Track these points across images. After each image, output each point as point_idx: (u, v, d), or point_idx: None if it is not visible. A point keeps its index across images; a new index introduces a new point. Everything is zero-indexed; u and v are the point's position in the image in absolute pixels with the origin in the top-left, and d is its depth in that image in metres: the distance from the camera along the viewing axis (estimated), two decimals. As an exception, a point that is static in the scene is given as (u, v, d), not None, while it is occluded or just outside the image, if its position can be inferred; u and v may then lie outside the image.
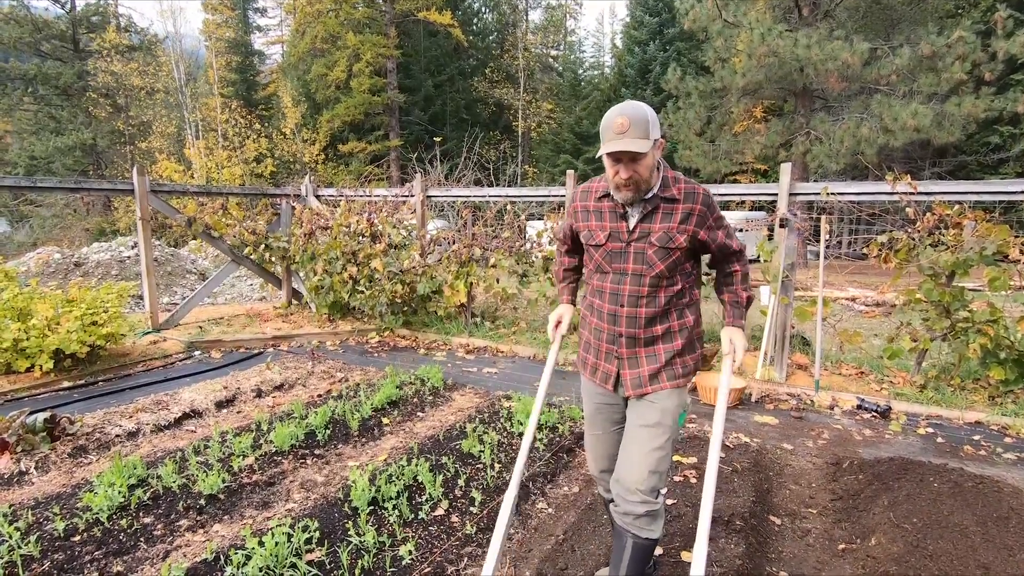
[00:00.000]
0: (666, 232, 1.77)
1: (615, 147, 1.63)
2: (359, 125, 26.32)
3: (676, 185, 1.79)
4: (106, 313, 4.93)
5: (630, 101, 1.70)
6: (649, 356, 1.84)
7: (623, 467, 1.82)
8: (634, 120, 1.63)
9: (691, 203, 1.78)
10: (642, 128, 1.64)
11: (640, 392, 1.84)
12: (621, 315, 1.83)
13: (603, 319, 1.88)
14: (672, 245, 1.77)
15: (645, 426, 1.81)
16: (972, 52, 13.48)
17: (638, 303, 1.81)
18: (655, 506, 1.78)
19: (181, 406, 3.97)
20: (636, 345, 1.84)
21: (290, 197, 7.60)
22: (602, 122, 1.70)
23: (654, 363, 1.84)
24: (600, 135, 1.71)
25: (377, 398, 4.03)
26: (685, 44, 24.21)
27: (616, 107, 1.69)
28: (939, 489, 2.70)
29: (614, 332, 1.86)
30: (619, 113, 1.65)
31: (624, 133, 1.63)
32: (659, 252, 1.77)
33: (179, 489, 2.79)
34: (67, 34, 24.15)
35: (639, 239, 1.79)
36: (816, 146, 15.09)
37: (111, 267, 9.71)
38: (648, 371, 1.84)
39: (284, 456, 3.22)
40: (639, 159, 1.66)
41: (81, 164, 23.95)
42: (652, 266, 1.79)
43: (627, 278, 1.82)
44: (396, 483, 2.79)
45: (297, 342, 6.13)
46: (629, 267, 1.81)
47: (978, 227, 4.07)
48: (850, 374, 4.93)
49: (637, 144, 1.62)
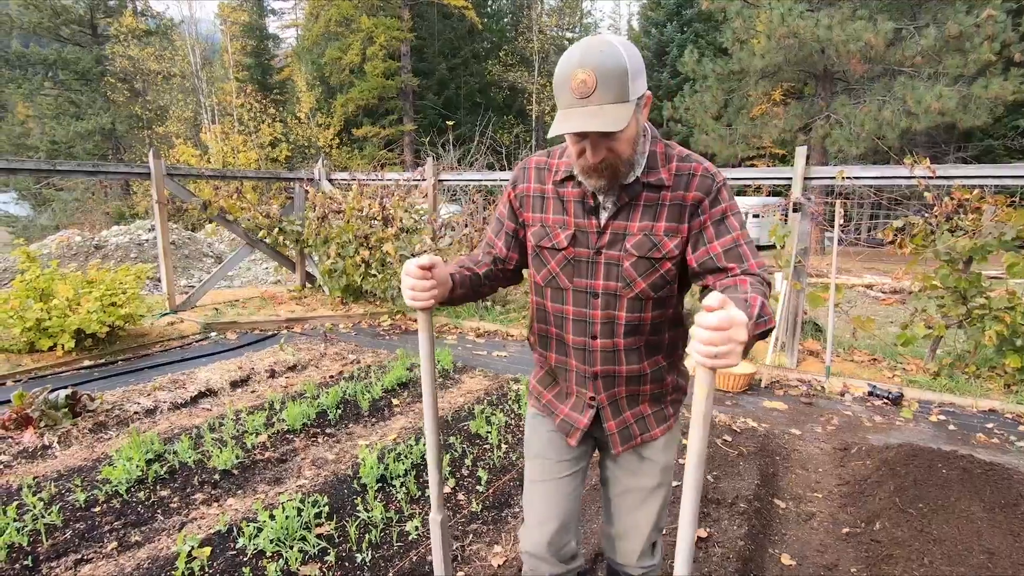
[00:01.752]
0: (648, 235, 1.22)
1: (574, 124, 1.06)
2: (373, 109, 26.30)
3: (667, 164, 1.22)
4: (124, 295, 5.04)
5: (597, 38, 1.07)
6: (631, 397, 1.37)
7: (621, 535, 1.48)
8: (604, 74, 1.03)
9: (684, 189, 1.20)
10: (616, 85, 1.04)
11: (631, 446, 1.40)
12: (594, 349, 1.31)
13: (567, 354, 1.37)
14: (658, 255, 1.22)
15: (642, 489, 1.43)
16: (1002, 32, 13.04)
17: (615, 332, 1.29)
18: (653, 566, 1.50)
19: (197, 385, 4.06)
20: (615, 385, 1.35)
21: (303, 181, 7.65)
22: (555, 75, 1.09)
23: (636, 405, 1.39)
24: (555, 95, 1.11)
25: (387, 379, 4.09)
26: (703, 25, 23.72)
27: (575, 49, 1.07)
28: (947, 475, 2.68)
29: (585, 372, 1.35)
30: (579, 63, 1.04)
31: (588, 97, 1.04)
32: (639, 264, 1.23)
33: (194, 464, 2.87)
34: (85, 19, 24.35)
35: (611, 244, 1.24)
36: (836, 130, 14.78)
37: (130, 250, 9.89)
38: (632, 416, 1.39)
39: (296, 434, 3.29)
40: (615, 134, 1.09)
41: (101, 148, 24.31)
42: (630, 284, 1.24)
43: (597, 300, 1.28)
44: (404, 461, 2.84)
45: (310, 324, 6.22)
46: (599, 284, 1.27)
47: (998, 212, 3.98)
48: (862, 361, 4.88)
49: (610, 116, 1.04)
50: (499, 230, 1.44)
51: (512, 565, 2.17)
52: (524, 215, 1.37)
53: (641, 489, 1.42)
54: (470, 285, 1.39)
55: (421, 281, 1.21)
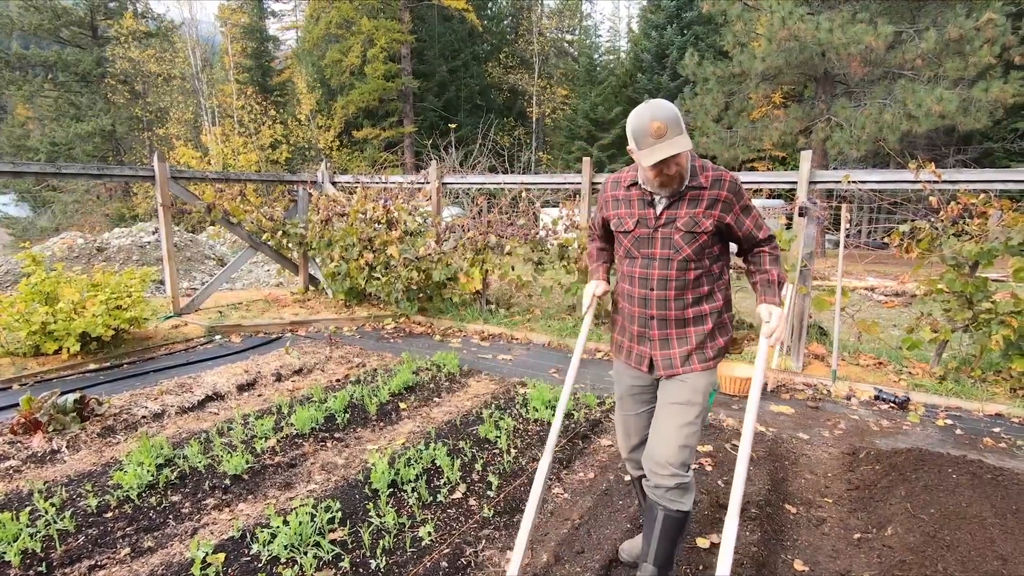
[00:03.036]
0: (692, 217, 1.82)
1: (664, 153, 1.66)
2: (373, 111, 26.31)
3: (704, 173, 1.83)
4: (129, 297, 5.04)
5: (654, 101, 1.72)
6: (680, 338, 1.90)
7: (655, 442, 1.89)
8: (668, 121, 1.66)
9: (718, 189, 1.82)
10: (677, 126, 1.67)
11: (671, 373, 1.91)
12: (651, 298, 1.90)
13: (634, 303, 1.95)
14: (698, 229, 1.82)
15: (676, 403, 1.88)
16: (1002, 35, 13.07)
17: (667, 286, 1.87)
18: (686, 479, 1.84)
19: (204, 389, 4.06)
20: (667, 327, 1.91)
21: (307, 183, 7.65)
22: (634, 127, 1.71)
23: (685, 345, 1.90)
24: (634, 140, 1.73)
25: (394, 383, 4.09)
26: (703, 28, 23.76)
27: (645, 111, 1.70)
28: (957, 480, 2.69)
29: (645, 315, 1.93)
30: (651, 118, 1.67)
31: (664, 136, 1.66)
32: (685, 237, 1.83)
33: (204, 469, 2.87)
34: (85, 20, 24.35)
35: (665, 224, 1.85)
36: (836, 132, 14.79)
37: (132, 252, 9.88)
38: (679, 353, 1.90)
39: (305, 439, 3.29)
40: (681, 155, 1.71)
41: (101, 150, 24.28)
42: (679, 250, 1.84)
43: (655, 263, 1.88)
44: (415, 466, 2.84)
45: (314, 327, 6.22)
46: (657, 252, 1.87)
47: (1004, 216, 3.99)
48: (868, 364, 4.89)
49: (680, 144, 1.66)
50: (597, 219, 2.17)
51: (527, 570, 2.17)
52: (606, 213, 2.04)
53: (675, 403, 1.89)
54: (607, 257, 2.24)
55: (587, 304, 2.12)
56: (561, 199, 6.84)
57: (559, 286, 6.26)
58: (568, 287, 6.15)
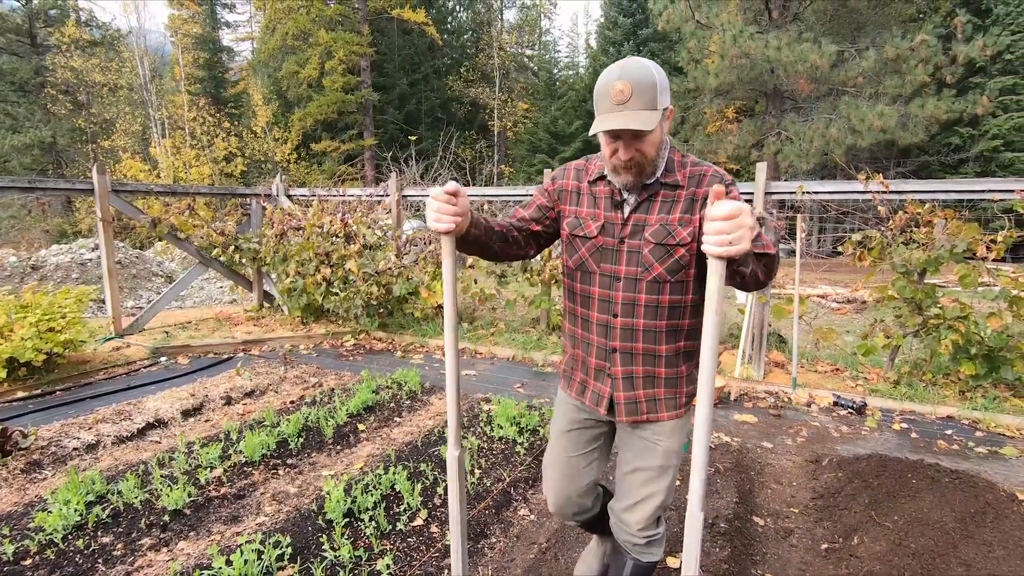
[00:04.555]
0: (664, 226, 1.42)
1: (613, 123, 1.29)
2: (332, 124, 25.89)
3: (683, 169, 1.45)
4: (64, 319, 4.70)
5: (633, 58, 1.32)
6: (647, 377, 1.53)
7: (623, 505, 1.61)
8: (638, 86, 1.27)
9: (696, 186, 1.43)
10: (647, 96, 1.28)
11: (635, 420, 1.56)
12: (615, 326, 1.51)
13: (591, 331, 1.57)
14: (672, 242, 1.42)
15: (647, 469, 1.56)
16: (934, 55, 13.90)
17: (634, 312, 1.48)
18: (657, 535, 1.62)
19: (145, 415, 3.79)
20: (632, 363, 1.52)
21: (260, 197, 7.39)
22: (597, 86, 1.34)
23: (652, 387, 1.54)
24: (594, 103, 1.36)
25: (352, 403, 3.91)
26: (659, 45, 24.46)
27: (615, 66, 1.32)
28: (917, 485, 2.72)
29: (606, 346, 1.54)
30: (619, 76, 1.29)
31: (625, 103, 1.28)
32: (656, 251, 1.44)
33: (141, 505, 2.64)
34: (23, 28, 23.21)
35: (632, 234, 1.46)
36: (787, 146, 15.38)
37: (71, 270, 9.32)
38: (644, 395, 1.54)
39: (255, 466, 3.09)
40: (644, 136, 1.33)
41: (40, 163, 23.04)
42: (648, 268, 1.45)
43: (619, 283, 1.48)
44: (373, 493, 2.69)
45: (269, 346, 5.95)
46: (622, 269, 1.48)
47: (948, 225, 4.15)
48: (825, 371, 4.99)
49: (642, 119, 1.28)
50: (528, 204, 1.66)
51: (491, 602, 2.05)
52: (560, 206, 1.60)
53: (648, 469, 1.56)
54: (483, 232, 1.48)
55: (446, 204, 1.33)
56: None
57: (523, 299, 6.20)
58: (532, 299, 6.09)
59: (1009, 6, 19.72)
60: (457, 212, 1.34)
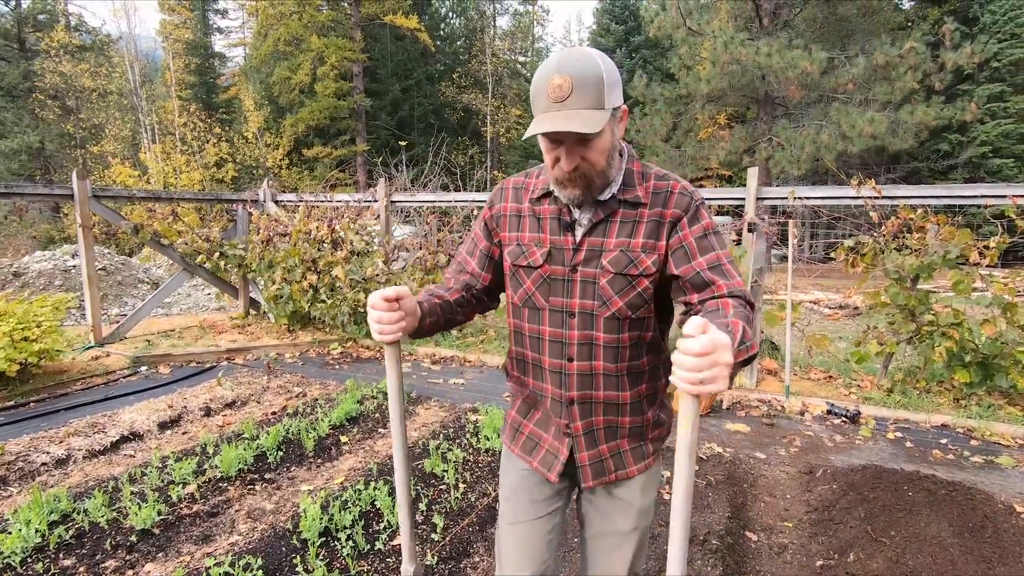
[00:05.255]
0: (624, 251, 1.18)
1: (549, 125, 1.04)
2: (324, 129, 25.81)
3: (645, 183, 1.21)
4: (39, 328, 4.56)
5: (576, 48, 1.10)
6: (608, 429, 1.29)
7: None
8: (580, 80, 1.04)
9: (661, 207, 1.18)
10: (592, 92, 1.05)
11: (603, 482, 1.31)
12: (571, 372, 1.25)
13: (544, 379, 1.30)
14: (635, 272, 1.18)
15: (617, 533, 1.33)
16: (923, 63, 14.00)
17: (592, 354, 1.23)
18: None
19: (120, 428, 3.66)
20: (592, 413, 1.27)
21: (247, 203, 7.27)
22: (533, 82, 1.10)
23: (615, 438, 1.30)
24: (531, 103, 1.10)
25: (335, 415, 3.80)
26: (650, 51, 24.59)
27: (552, 58, 1.08)
28: (914, 498, 2.65)
29: (561, 397, 1.27)
30: (556, 69, 1.05)
31: (563, 101, 1.04)
32: (615, 282, 1.19)
33: (108, 524, 2.52)
34: (12, 33, 23.03)
35: (587, 261, 1.21)
36: (778, 152, 15.42)
37: (54, 277, 9.15)
38: (608, 449, 1.30)
39: (231, 482, 2.97)
40: (590, 140, 1.08)
41: (27, 168, 22.81)
42: (606, 303, 1.20)
43: (573, 319, 1.23)
44: (351, 510, 2.58)
45: (253, 355, 5.82)
46: (575, 303, 1.22)
47: (940, 231, 4.10)
48: (819, 378, 4.93)
49: (584, 119, 1.04)
50: (473, 249, 1.40)
51: (472, 627, 1.95)
52: (500, 235, 1.34)
53: (616, 533, 1.32)
54: (440, 313, 1.31)
55: (388, 313, 1.15)
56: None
57: (513, 306, 6.10)
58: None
59: (996, 14, 19.97)
60: (402, 318, 1.16)
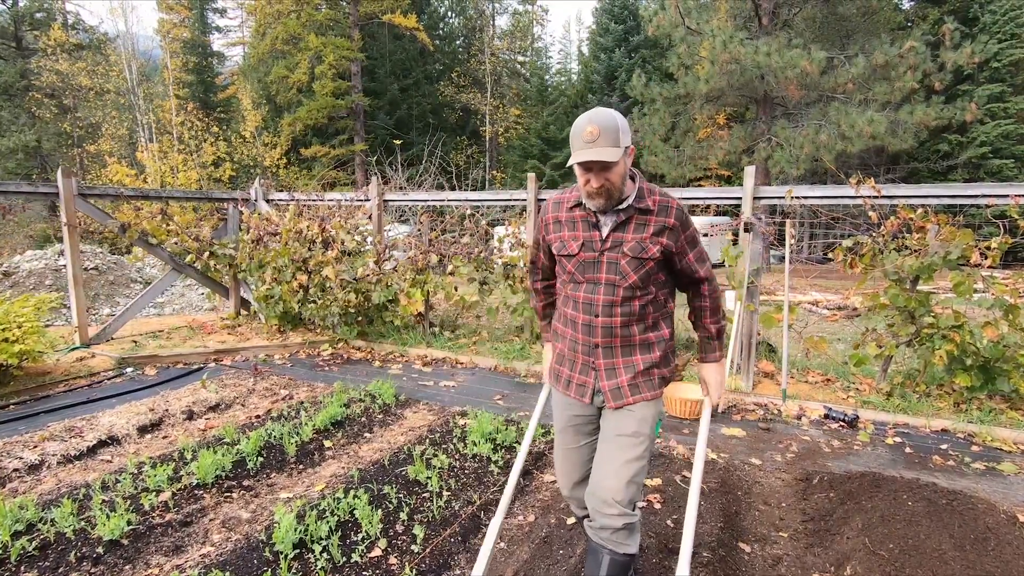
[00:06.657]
0: (639, 243, 1.76)
1: (585, 156, 1.63)
2: (322, 129, 25.68)
3: (651, 197, 1.78)
4: (19, 328, 4.46)
5: (600, 108, 1.69)
6: (627, 366, 1.83)
7: (599, 478, 1.79)
8: (604, 128, 1.62)
9: (664, 217, 1.77)
10: (612, 136, 1.63)
11: (620, 404, 1.82)
12: (596, 325, 1.81)
13: (578, 330, 1.86)
14: (645, 255, 1.76)
15: (623, 435, 1.79)
16: (922, 62, 13.89)
17: (612, 312, 1.79)
18: (633, 518, 1.74)
19: (97, 432, 3.56)
20: (613, 355, 1.83)
21: (237, 201, 7.17)
22: (572, 130, 1.69)
23: (631, 372, 1.83)
24: (570, 143, 1.70)
25: (320, 418, 3.70)
26: (650, 51, 24.44)
27: (585, 115, 1.67)
28: (913, 508, 2.55)
29: (590, 343, 1.84)
30: (589, 121, 1.64)
31: (594, 142, 1.62)
32: (632, 262, 1.77)
33: (74, 535, 2.42)
34: (8, 31, 22.93)
35: (611, 248, 1.78)
36: (777, 152, 15.30)
37: (45, 276, 9.04)
38: (627, 381, 1.83)
39: (207, 489, 2.87)
40: (610, 167, 1.65)
41: (24, 167, 22.68)
42: (625, 276, 1.78)
43: (600, 288, 1.80)
44: (328, 519, 2.48)
45: (242, 356, 5.72)
46: (602, 277, 1.80)
47: (941, 231, 4.00)
48: (816, 381, 4.83)
49: (607, 153, 1.61)
50: (538, 250, 2.08)
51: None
52: (549, 237, 1.93)
53: (622, 435, 1.80)
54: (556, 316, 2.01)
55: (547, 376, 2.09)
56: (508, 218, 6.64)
57: (505, 306, 6.01)
58: (515, 307, 5.91)
59: (996, 14, 19.87)
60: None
